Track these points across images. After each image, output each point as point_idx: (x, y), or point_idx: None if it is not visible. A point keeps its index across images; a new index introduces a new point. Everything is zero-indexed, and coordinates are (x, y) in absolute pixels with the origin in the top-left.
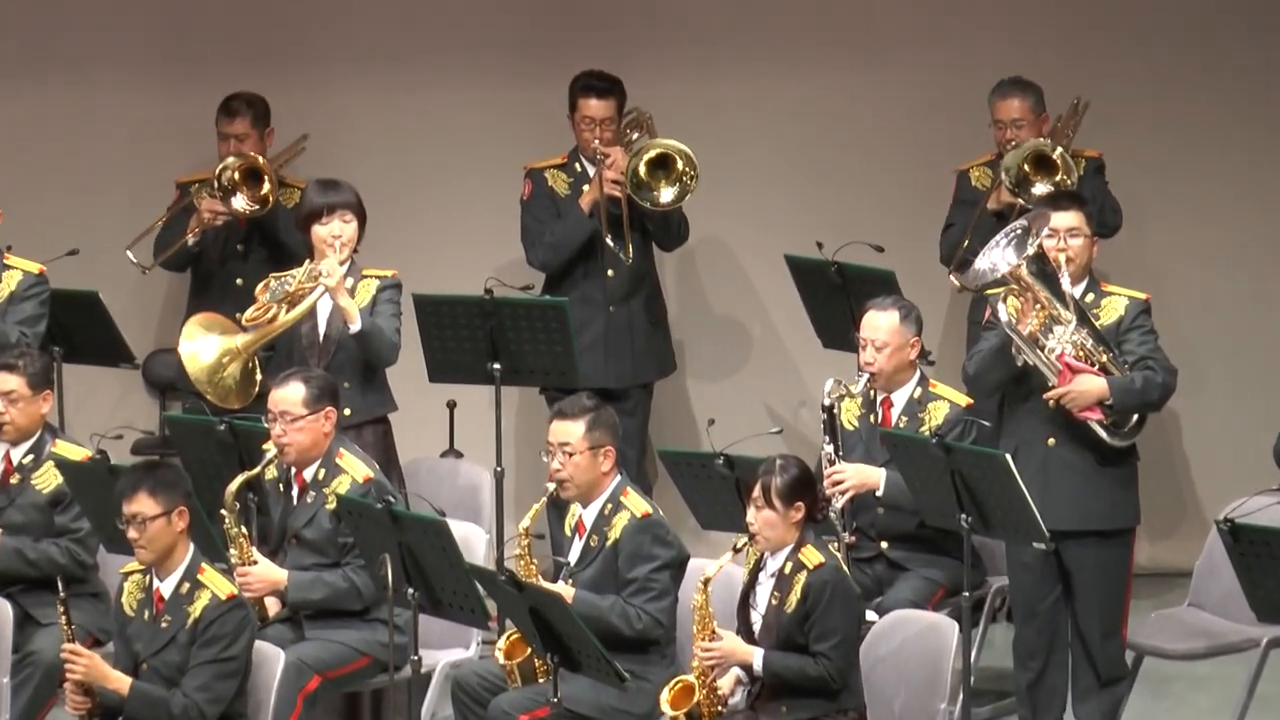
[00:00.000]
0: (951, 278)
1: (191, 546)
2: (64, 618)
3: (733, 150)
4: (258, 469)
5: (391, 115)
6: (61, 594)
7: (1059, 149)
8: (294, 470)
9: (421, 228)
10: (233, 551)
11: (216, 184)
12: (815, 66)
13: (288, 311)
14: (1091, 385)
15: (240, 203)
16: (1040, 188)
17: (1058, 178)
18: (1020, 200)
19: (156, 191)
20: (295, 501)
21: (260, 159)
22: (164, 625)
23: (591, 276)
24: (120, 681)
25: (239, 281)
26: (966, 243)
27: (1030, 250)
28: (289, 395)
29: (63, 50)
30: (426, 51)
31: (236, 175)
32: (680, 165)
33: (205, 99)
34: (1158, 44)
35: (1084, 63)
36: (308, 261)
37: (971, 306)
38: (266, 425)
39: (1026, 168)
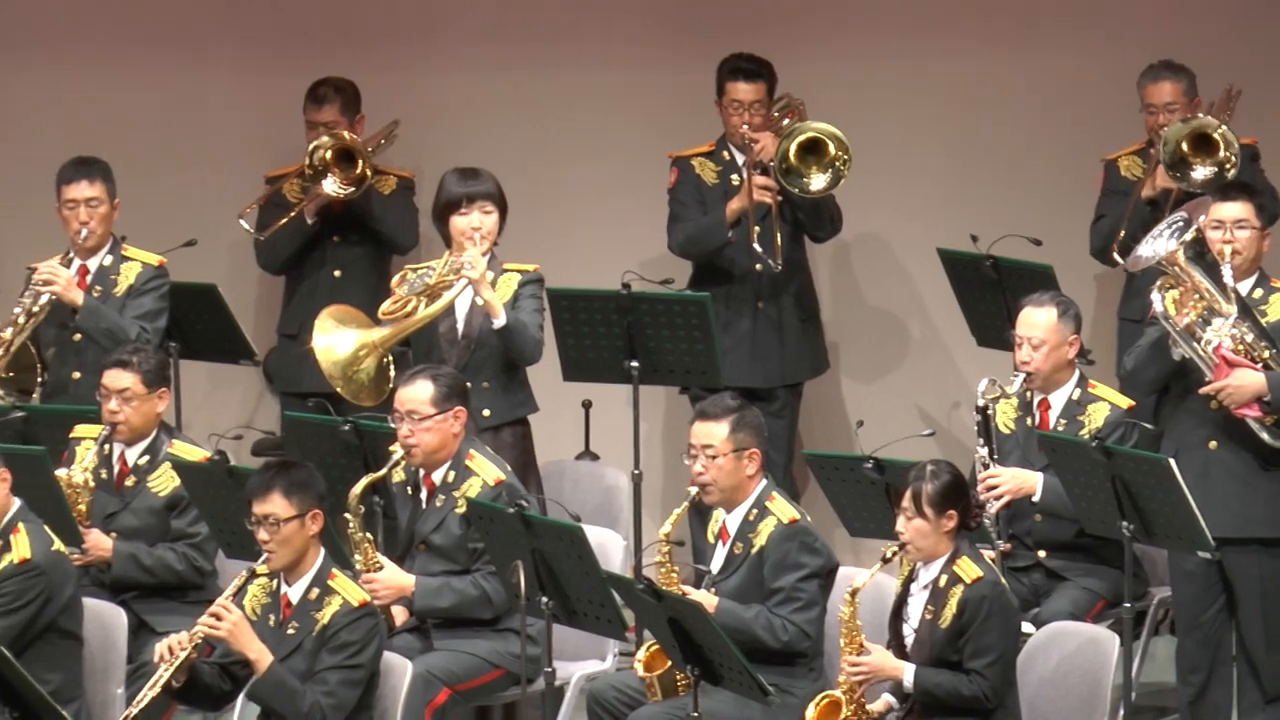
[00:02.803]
0: (1115, 255)
1: (322, 551)
2: (247, 576)
3: (885, 136)
4: (383, 471)
5: (515, 99)
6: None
7: (1222, 126)
8: (422, 473)
9: (553, 220)
10: (357, 557)
11: (308, 164)
12: (969, 42)
13: (427, 305)
14: (1249, 380)
15: (331, 185)
16: (1200, 172)
17: (1219, 156)
18: (1176, 185)
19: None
20: (424, 505)
21: (353, 138)
22: (290, 631)
23: (739, 270)
24: (263, 654)
25: (336, 274)
26: (1122, 233)
27: (1187, 237)
28: (416, 394)
29: (170, 30)
30: (557, 29)
31: (329, 155)
32: (832, 150)
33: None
34: None
35: (1240, 41)
36: (447, 253)
37: (1121, 303)
38: (393, 425)
39: (1185, 147)
